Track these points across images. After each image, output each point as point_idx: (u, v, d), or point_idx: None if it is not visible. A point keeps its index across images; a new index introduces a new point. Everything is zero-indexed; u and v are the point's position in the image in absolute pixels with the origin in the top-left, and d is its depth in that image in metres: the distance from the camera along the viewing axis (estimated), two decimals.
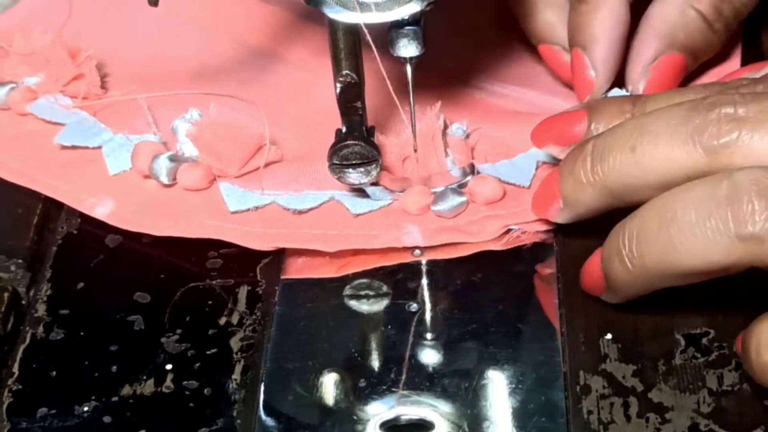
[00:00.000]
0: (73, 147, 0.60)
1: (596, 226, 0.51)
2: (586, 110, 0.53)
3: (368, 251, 0.55)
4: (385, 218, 0.56)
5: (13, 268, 0.56)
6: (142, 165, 0.58)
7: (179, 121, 0.59)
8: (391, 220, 0.56)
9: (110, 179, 0.59)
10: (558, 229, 0.55)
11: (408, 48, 0.52)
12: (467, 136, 0.59)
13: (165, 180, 0.58)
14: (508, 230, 0.55)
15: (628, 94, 0.59)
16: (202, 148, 0.58)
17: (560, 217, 0.52)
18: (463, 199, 0.55)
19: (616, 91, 0.59)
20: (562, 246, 0.55)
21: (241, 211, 0.56)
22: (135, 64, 0.66)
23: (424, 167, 0.56)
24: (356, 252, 0.55)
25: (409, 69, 0.53)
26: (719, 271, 0.45)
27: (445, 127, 0.58)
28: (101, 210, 0.57)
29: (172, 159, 0.58)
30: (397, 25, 0.52)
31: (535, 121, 0.55)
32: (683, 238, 0.45)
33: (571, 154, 0.51)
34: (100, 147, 0.60)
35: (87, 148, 0.60)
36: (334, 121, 0.55)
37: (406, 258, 0.55)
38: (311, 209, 0.56)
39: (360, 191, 0.56)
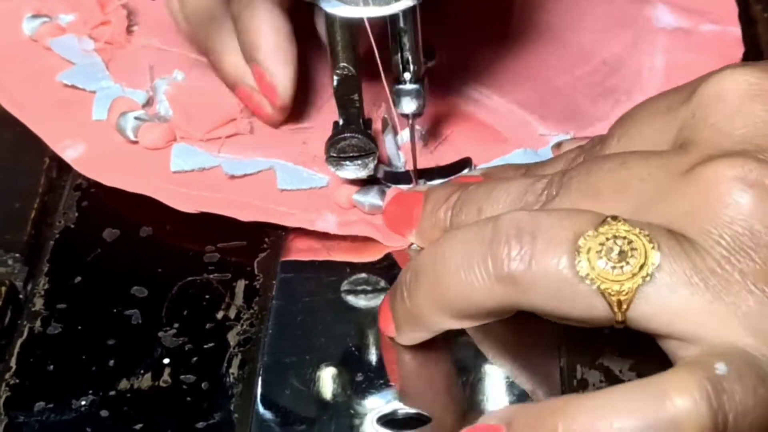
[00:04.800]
0: (73, 87, 0.61)
1: None
2: (423, 194, 0.53)
3: (368, 245, 0.55)
4: (307, 199, 0.57)
5: (10, 262, 0.56)
6: (112, 119, 0.60)
7: (161, 81, 0.61)
8: (312, 203, 0.56)
9: (89, 126, 0.60)
10: None
11: (410, 105, 0.55)
12: (426, 142, 0.59)
13: (131, 136, 0.59)
14: None
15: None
16: (176, 108, 0.59)
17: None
18: (381, 204, 0.56)
19: (561, 137, 0.59)
20: None
21: (183, 171, 0.57)
22: (164, 17, 0.66)
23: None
24: (354, 247, 0.55)
25: (411, 123, 0.56)
26: (486, 313, 0.45)
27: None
28: (71, 153, 0.59)
29: (139, 117, 0.59)
30: (400, 83, 0.54)
31: (496, 137, 0.58)
32: (449, 277, 0.44)
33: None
34: (94, 92, 0.61)
35: (84, 90, 0.61)
36: (329, 106, 0.57)
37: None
38: (245, 176, 0.57)
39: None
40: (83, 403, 0.49)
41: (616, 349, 0.49)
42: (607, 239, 0.42)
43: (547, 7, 0.66)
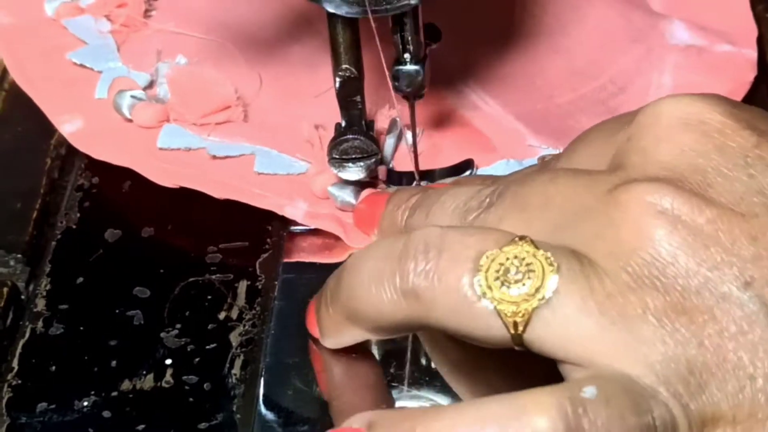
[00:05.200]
0: (82, 66, 0.62)
1: None
2: (388, 195, 0.52)
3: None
4: (283, 184, 0.57)
5: (12, 262, 0.56)
6: (111, 97, 0.60)
7: (163, 64, 0.62)
8: (286, 188, 0.57)
9: (90, 103, 0.61)
10: None
11: (409, 86, 0.53)
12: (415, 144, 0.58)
13: (127, 114, 0.60)
14: None
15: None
16: (175, 91, 0.60)
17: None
18: (354, 202, 0.56)
19: (550, 150, 0.59)
20: None
21: (169, 149, 0.58)
22: (181, 2, 0.67)
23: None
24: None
25: (411, 105, 0.55)
26: (398, 327, 0.44)
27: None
28: (68, 127, 0.60)
29: (135, 96, 0.60)
30: (400, 63, 0.53)
31: (488, 149, 0.58)
32: (362, 290, 0.44)
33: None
34: (101, 72, 0.62)
35: (92, 70, 0.62)
36: (326, 100, 0.57)
37: None
38: (227, 157, 0.58)
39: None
40: (85, 403, 0.49)
41: None
42: (507, 259, 0.41)
43: (559, 22, 0.66)
